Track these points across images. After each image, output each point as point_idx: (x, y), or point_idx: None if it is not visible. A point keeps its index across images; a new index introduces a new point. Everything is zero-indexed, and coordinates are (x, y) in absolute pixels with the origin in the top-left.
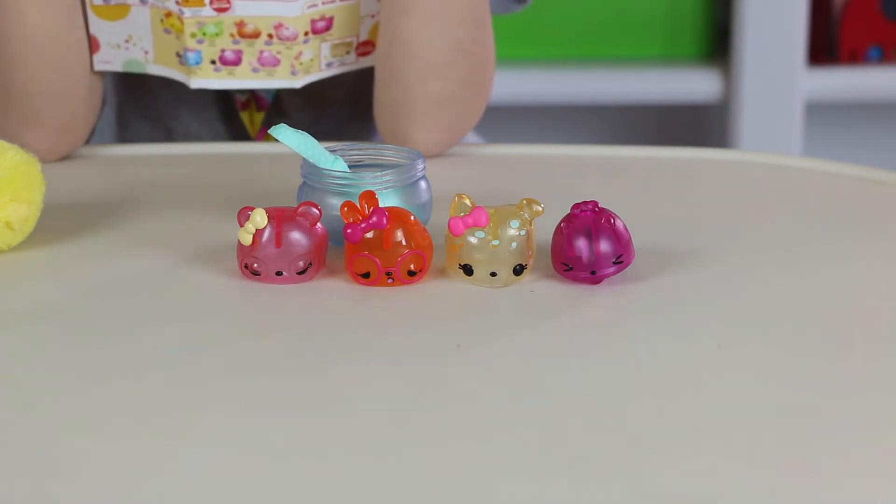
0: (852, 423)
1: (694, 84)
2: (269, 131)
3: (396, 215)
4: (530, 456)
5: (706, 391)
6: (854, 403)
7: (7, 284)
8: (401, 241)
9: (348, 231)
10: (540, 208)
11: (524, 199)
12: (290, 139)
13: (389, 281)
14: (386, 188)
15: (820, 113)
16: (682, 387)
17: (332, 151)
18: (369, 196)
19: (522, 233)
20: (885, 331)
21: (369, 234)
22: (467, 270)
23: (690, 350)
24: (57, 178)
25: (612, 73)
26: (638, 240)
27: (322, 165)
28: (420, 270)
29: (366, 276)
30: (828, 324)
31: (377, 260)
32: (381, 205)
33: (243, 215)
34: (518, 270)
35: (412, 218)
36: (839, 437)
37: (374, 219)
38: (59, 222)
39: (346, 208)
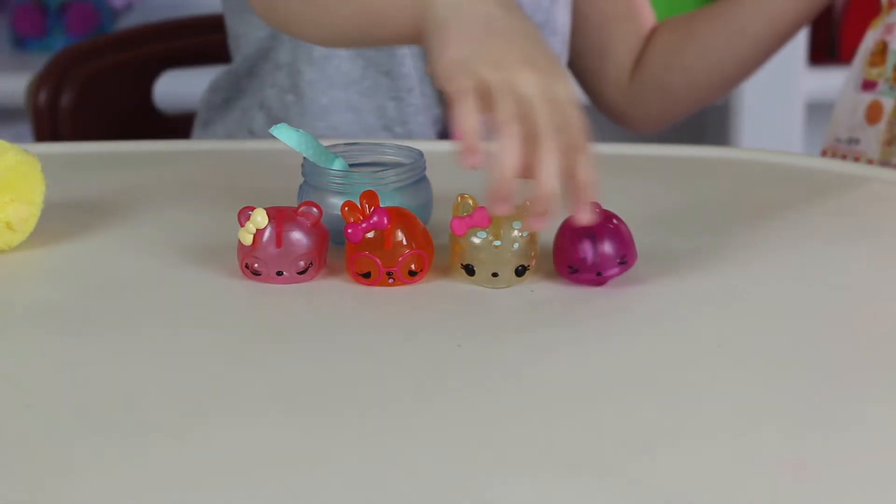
0: (852, 423)
1: None
2: (270, 130)
3: (397, 215)
4: (530, 456)
5: (706, 391)
6: (854, 403)
7: (7, 284)
8: (402, 241)
9: (349, 231)
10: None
11: (528, 199)
12: (290, 138)
13: (390, 281)
14: (387, 187)
15: (821, 112)
16: (682, 387)
17: (333, 150)
18: (370, 195)
19: (525, 234)
20: (885, 331)
21: (370, 234)
22: (469, 271)
23: (690, 350)
24: (57, 178)
25: None
26: (638, 239)
27: (322, 164)
28: (421, 270)
29: (366, 275)
30: (828, 324)
31: (378, 260)
32: (381, 204)
33: (244, 215)
34: (520, 271)
35: (413, 217)
36: (839, 437)
37: (375, 218)
38: (59, 222)
39: (346, 208)
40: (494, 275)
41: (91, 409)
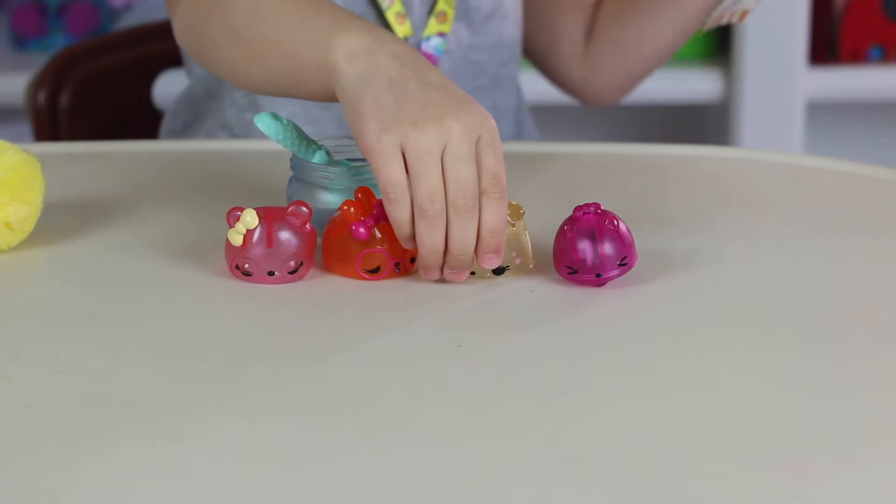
0: (852, 423)
1: (695, 84)
2: (254, 119)
3: None
4: (530, 456)
5: (706, 391)
6: (854, 403)
7: (7, 284)
8: None
9: (356, 229)
10: (521, 211)
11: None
12: (268, 127)
13: (397, 271)
14: (370, 180)
15: (821, 113)
16: (682, 387)
17: (324, 143)
18: (366, 192)
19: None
20: (885, 330)
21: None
22: None
23: (690, 350)
24: (57, 178)
25: None
26: (638, 239)
27: (301, 156)
28: (415, 256)
29: (375, 270)
30: (828, 323)
31: (388, 253)
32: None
33: (232, 216)
34: (499, 271)
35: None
36: (839, 438)
37: (377, 211)
38: (59, 222)
39: (350, 208)
40: (472, 273)
41: (91, 410)
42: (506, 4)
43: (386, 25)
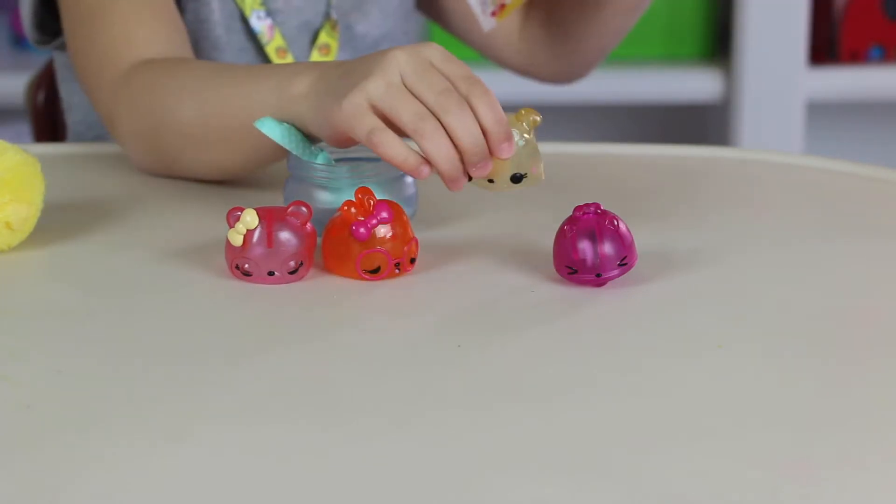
0: (852, 422)
1: (695, 84)
2: (254, 124)
3: (389, 205)
4: (530, 456)
5: (706, 391)
6: (854, 403)
7: (7, 284)
8: (404, 231)
9: (357, 229)
10: (538, 118)
11: (522, 109)
12: (273, 132)
13: (396, 272)
14: (368, 180)
15: (821, 113)
16: (682, 387)
17: (318, 145)
18: (365, 191)
19: (523, 141)
20: (885, 330)
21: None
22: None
23: (690, 350)
24: (57, 178)
25: (613, 73)
26: (638, 239)
27: (305, 158)
28: (416, 257)
29: (375, 271)
30: (828, 323)
31: (388, 253)
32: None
33: (232, 216)
34: (517, 178)
35: (398, 205)
36: (839, 437)
37: (385, 213)
38: (59, 222)
39: (351, 208)
40: (490, 181)
41: (91, 410)
42: (396, 28)
43: (266, 60)
